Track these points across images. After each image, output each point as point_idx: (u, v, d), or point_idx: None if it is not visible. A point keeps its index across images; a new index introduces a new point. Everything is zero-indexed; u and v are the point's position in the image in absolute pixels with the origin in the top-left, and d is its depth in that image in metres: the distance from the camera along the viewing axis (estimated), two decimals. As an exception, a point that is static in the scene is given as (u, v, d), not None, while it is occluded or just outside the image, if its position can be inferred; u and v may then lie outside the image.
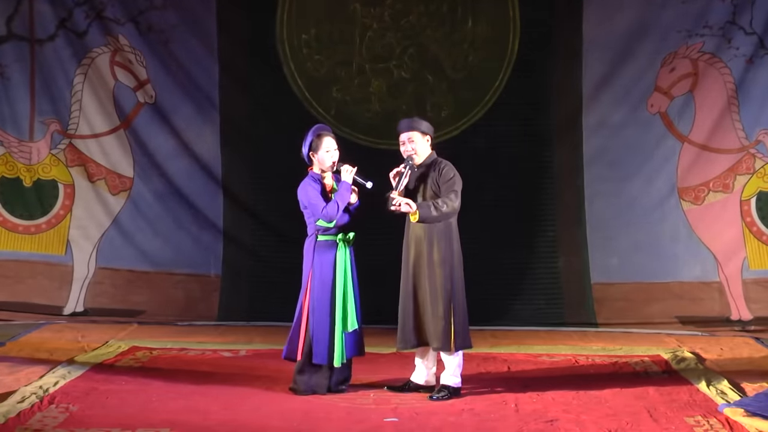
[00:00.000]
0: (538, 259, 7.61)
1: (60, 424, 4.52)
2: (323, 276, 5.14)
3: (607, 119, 7.64)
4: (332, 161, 5.22)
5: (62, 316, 7.46)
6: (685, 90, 7.51)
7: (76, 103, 7.66)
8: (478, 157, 7.63)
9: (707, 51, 7.45)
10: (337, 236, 5.18)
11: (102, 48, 7.67)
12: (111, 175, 7.71)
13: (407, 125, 5.35)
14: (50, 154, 7.69)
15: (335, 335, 5.09)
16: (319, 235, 5.19)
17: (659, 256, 7.50)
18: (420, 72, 7.77)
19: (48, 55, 7.61)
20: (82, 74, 7.65)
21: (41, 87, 7.63)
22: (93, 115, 7.69)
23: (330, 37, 7.75)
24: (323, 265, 5.15)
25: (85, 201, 7.71)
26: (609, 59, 7.57)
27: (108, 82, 7.70)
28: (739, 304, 7.37)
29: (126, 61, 7.68)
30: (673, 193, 7.52)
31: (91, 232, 7.67)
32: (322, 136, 5.25)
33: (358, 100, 7.80)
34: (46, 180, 7.70)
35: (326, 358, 5.09)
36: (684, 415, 4.70)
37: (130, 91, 7.71)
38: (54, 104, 7.67)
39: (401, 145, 5.37)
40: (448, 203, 5.20)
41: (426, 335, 5.14)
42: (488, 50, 7.70)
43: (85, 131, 7.70)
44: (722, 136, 7.48)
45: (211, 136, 7.71)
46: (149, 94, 7.68)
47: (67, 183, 7.71)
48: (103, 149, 7.72)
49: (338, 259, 5.15)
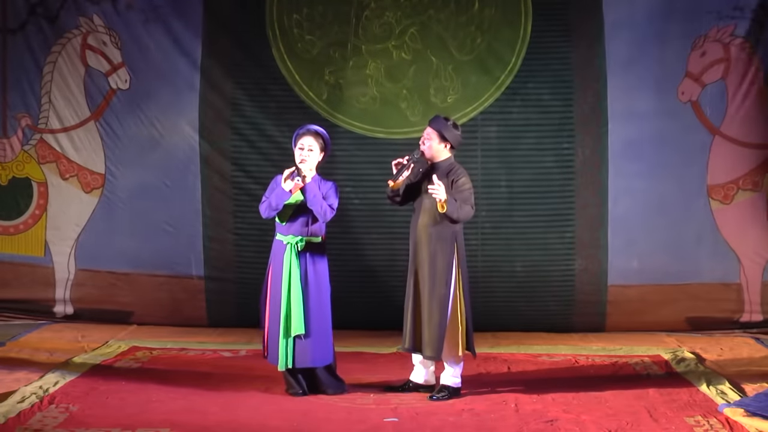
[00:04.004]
0: (552, 262, 9.43)
1: (60, 424, 6.17)
2: (275, 277, 6.97)
3: (633, 108, 9.34)
4: (299, 159, 6.95)
5: (55, 318, 9.50)
6: (717, 77, 9.32)
7: (45, 95, 9.57)
8: (488, 147, 9.46)
9: (739, 35, 9.27)
10: (286, 237, 6.96)
11: (74, 32, 9.53)
12: (83, 171, 9.63)
13: (434, 122, 7.03)
14: (23, 151, 9.64)
15: (279, 339, 6.89)
16: (276, 232, 7.05)
17: (682, 259, 9.39)
18: (422, 53, 9.44)
19: (19, 45, 9.51)
20: (52, 63, 9.53)
21: (13, 80, 9.55)
22: (63, 107, 9.59)
23: (323, 17, 9.46)
24: (276, 266, 6.99)
25: (59, 200, 9.65)
26: (634, 41, 9.26)
27: (79, 69, 9.57)
28: (754, 306, 9.34)
29: (99, 43, 9.51)
30: (702, 192, 9.38)
31: (67, 232, 9.64)
32: (301, 135, 7.04)
33: (352, 84, 9.49)
34: (20, 178, 9.67)
35: (275, 359, 6.92)
36: (684, 415, 6.49)
37: (101, 77, 9.56)
38: (25, 97, 9.59)
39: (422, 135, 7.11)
40: (468, 212, 6.87)
41: (421, 341, 6.93)
42: (498, 34, 9.36)
43: (55, 125, 9.63)
44: (754, 129, 9.31)
45: (190, 125, 9.52)
46: (123, 79, 9.52)
47: (40, 181, 9.69)
48: (74, 144, 9.62)
49: (284, 262, 6.93)
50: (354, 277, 9.33)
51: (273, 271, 7.05)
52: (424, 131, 7.10)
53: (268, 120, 9.57)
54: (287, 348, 6.95)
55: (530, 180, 9.54)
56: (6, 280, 9.69)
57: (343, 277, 8.92)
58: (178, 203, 9.61)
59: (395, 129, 9.52)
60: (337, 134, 9.35)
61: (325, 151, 7.08)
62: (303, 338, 6.94)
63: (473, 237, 9.37)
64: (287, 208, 6.98)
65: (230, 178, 9.60)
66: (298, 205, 6.99)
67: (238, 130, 9.60)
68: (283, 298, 6.94)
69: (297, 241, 6.97)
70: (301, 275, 6.96)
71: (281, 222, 7.03)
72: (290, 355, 6.95)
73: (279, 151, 9.30)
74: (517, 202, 9.55)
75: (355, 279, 9.31)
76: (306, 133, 7.06)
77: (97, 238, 9.67)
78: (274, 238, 7.10)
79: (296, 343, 6.95)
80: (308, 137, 7.04)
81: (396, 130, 9.52)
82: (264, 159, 9.50)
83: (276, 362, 6.99)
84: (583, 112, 9.48)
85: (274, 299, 7.01)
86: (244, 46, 9.57)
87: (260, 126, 9.58)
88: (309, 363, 6.98)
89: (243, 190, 9.54)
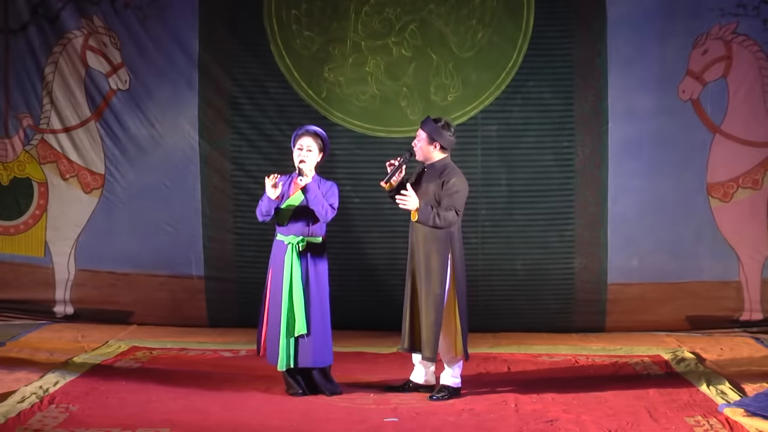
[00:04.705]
0: (552, 261, 9.45)
1: (60, 424, 6.20)
2: (276, 276, 6.98)
3: (634, 106, 9.36)
4: (298, 160, 6.98)
5: (55, 319, 9.52)
6: (718, 75, 9.33)
7: (47, 96, 9.60)
8: (488, 146, 9.46)
9: (741, 32, 9.28)
10: (287, 238, 6.98)
11: (75, 32, 9.54)
12: (83, 172, 9.65)
13: (423, 123, 7.08)
14: (24, 151, 9.67)
15: (280, 339, 6.91)
16: (276, 232, 7.05)
17: (681, 257, 9.41)
18: (422, 50, 9.43)
19: (21, 45, 9.52)
20: (53, 63, 9.56)
21: (15, 80, 9.57)
22: (64, 107, 9.61)
23: (322, 12, 9.46)
24: (276, 266, 7.00)
25: (59, 200, 9.68)
26: (635, 39, 9.27)
27: (79, 70, 9.58)
28: (753, 305, 9.35)
29: (100, 44, 9.53)
30: (701, 190, 9.40)
31: (67, 232, 9.66)
32: (301, 135, 7.06)
33: (352, 81, 9.49)
34: (21, 178, 9.69)
35: (275, 359, 6.92)
36: (684, 415, 6.50)
37: (102, 77, 9.58)
38: (26, 98, 9.62)
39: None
40: (447, 218, 6.88)
41: (419, 342, 6.95)
42: (500, 27, 9.37)
43: (56, 125, 9.66)
44: (754, 127, 9.33)
45: (190, 124, 9.54)
46: (123, 80, 9.54)
47: (41, 182, 9.71)
48: (74, 144, 9.64)
49: (285, 262, 6.95)
50: (354, 276, 9.33)
51: (273, 271, 7.06)
52: (417, 132, 7.14)
53: (267, 119, 9.57)
54: (288, 348, 6.95)
55: (530, 179, 9.55)
56: (6, 281, 9.71)
57: (343, 277, 8.94)
58: (178, 203, 9.63)
59: (395, 127, 9.51)
60: (337, 133, 9.36)
61: (324, 151, 7.09)
62: (305, 338, 6.94)
63: (473, 236, 9.39)
64: (287, 210, 6.99)
65: (230, 177, 9.61)
66: (299, 206, 6.99)
67: (238, 129, 9.61)
68: (284, 298, 6.95)
69: (298, 241, 6.98)
70: (302, 275, 6.97)
71: (282, 223, 7.03)
72: (291, 355, 6.95)
73: (279, 151, 9.30)
74: (517, 201, 9.56)
75: (355, 278, 9.31)
76: (305, 133, 7.08)
77: (97, 239, 9.69)
78: (275, 238, 7.10)
79: (298, 343, 6.95)
80: (307, 138, 7.05)
81: (396, 128, 9.52)
82: (264, 158, 9.49)
83: (275, 362, 6.99)
84: (583, 111, 9.49)
85: (273, 299, 7.02)
86: (242, 42, 9.57)
87: (260, 125, 9.58)
88: (310, 363, 6.99)
89: (243, 190, 9.54)
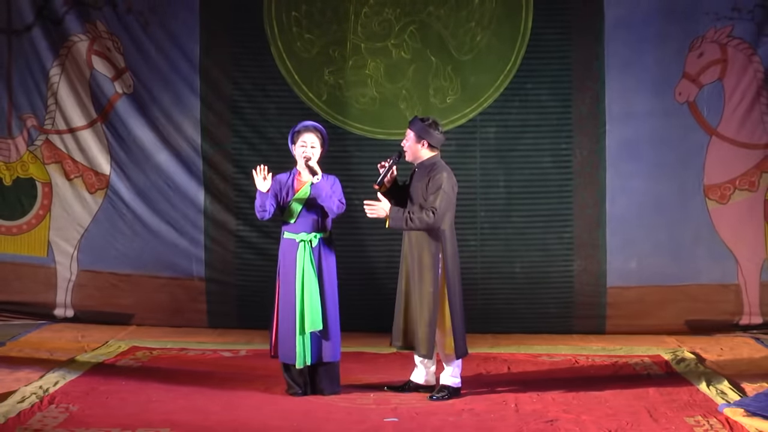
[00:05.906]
0: (551, 263, 9.44)
1: (60, 424, 6.19)
2: (287, 275, 6.95)
3: (631, 108, 9.39)
4: (303, 157, 6.98)
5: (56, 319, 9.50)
6: (714, 78, 9.36)
7: (52, 97, 9.60)
8: (487, 148, 9.47)
9: (737, 36, 9.30)
10: (297, 235, 6.95)
11: (79, 36, 9.55)
12: (88, 172, 9.65)
13: (411, 123, 7.12)
14: (28, 151, 9.66)
15: (296, 336, 6.87)
16: (284, 230, 7.03)
17: (679, 259, 9.41)
18: (422, 52, 9.45)
19: (25, 46, 9.52)
20: (59, 65, 9.56)
21: (18, 81, 9.57)
22: (69, 108, 9.61)
23: (322, 14, 9.49)
24: (286, 264, 6.96)
25: (63, 201, 9.67)
26: (632, 42, 9.30)
27: (85, 73, 9.59)
28: (753, 308, 9.34)
29: (104, 49, 9.53)
30: (698, 192, 9.40)
31: (71, 233, 9.66)
32: (302, 131, 7.05)
33: (352, 84, 9.51)
34: (24, 179, 9.68)
35: (290, 357, 6.90)
36: (684, 415, 6.48)
37: (107, 81, 9.59)
38: (30, 98, 9.62)
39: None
40: (422, 219, 6.85)
41: (414, 340, 6.94)
42: (499, 29, 9.38)
43: (61, 126, 9.66)
44: (750, 129, 9.35)
45: (192, 127, 9.56)
46: (127, 84, 9.56)
47: (44, 182, 9.70)
48: (79, 145, 9.65)
49: (298, 260, 6.92)
50: (354, 277, 9.28)
51: (283, 270, 7.01)
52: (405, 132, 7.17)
53: (268, 122, 9.58)
54: (304, 345, 6.91)
55: (529, 180, 9.56)
56: (8, 281, 9.69)
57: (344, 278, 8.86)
58: (181, 205, 9.63)
59: (395, 130, 9.48)
60: (337, 135, 9.35)
61: (324, 146, 7.07)
62: (319, 334, 6.91)
63: (472, 238, 9.39)
64: (295, 207, 6.96)
65: (232, 180, 9.61)
66: (306, 202, 6.97)
67: (240, 132, 9.62)
68: (297, 295, 6.91)
69: (311, 238, 6.96)
70: (315, 271, 6.94)
71: (290, 220, 6.99)
72: (308, 352, 6.91)
73: (280, 153, 9.25)
74: (515, 203, 9.56)
75: (355, 280, 9.27)
76: (305, 129, 7.06)
77: (99, 240, 9.69)
78: (282, 237, 7.05)
79: (313, 339, 6.92)
80: (309, 134, 7.04)
81: (395, 130, 9.48)
82: (265, 161, 9.36)
83: (291, 360, 6.94)
84: (581, 113, 9.52)
85: (284, 298, 6.98)
86: (242, 46, 9.58)
87: (261, 128, 9.59)
88: (330, 358, 6.97)
89: (244, 192, 9.50)
